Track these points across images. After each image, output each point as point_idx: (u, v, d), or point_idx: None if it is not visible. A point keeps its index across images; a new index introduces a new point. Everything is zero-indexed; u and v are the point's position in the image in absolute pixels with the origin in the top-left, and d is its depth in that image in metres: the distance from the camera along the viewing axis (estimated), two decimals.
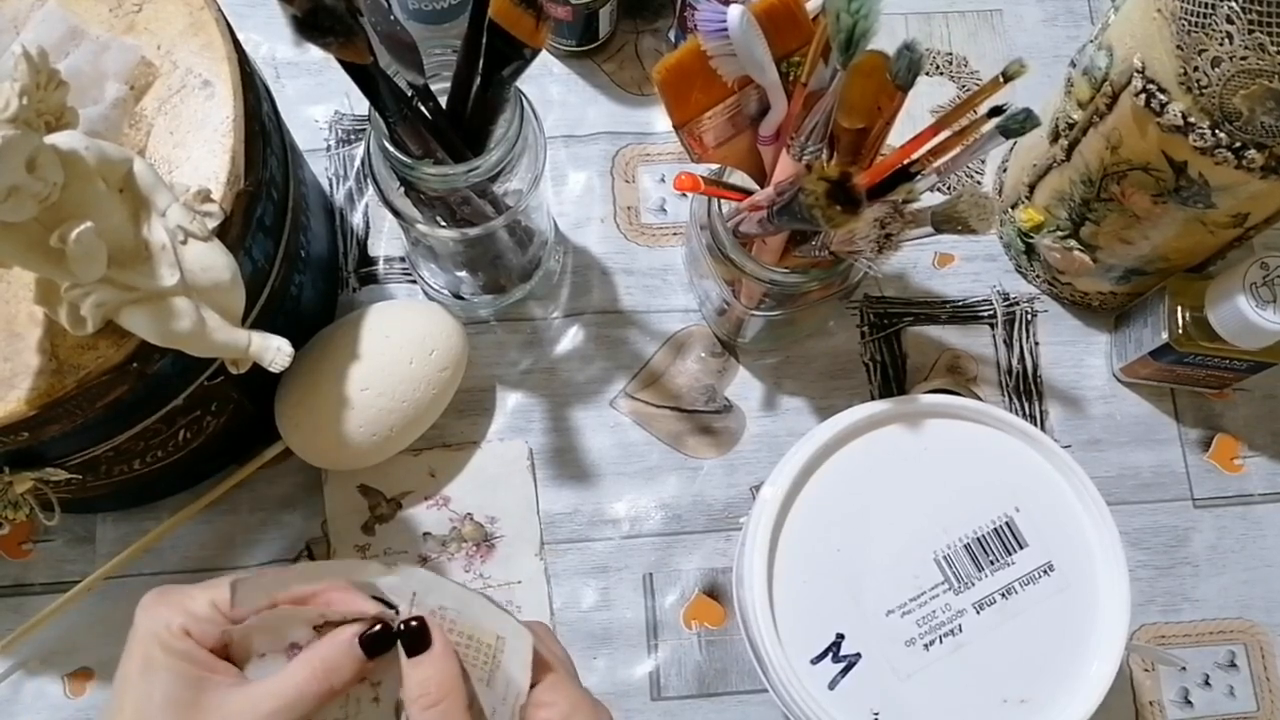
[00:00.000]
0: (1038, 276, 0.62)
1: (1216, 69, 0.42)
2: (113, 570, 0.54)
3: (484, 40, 0.43)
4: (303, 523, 0.57)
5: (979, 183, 0.66)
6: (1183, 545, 0.59)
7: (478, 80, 0.45)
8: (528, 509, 0.58)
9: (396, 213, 0.50)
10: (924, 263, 0.63)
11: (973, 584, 0.47)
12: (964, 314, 0.62)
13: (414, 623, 0.37)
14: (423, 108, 0.46)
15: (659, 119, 0.65)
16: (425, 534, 0.57)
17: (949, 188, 0.64)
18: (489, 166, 0.46)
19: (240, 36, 0.47)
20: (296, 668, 0.36)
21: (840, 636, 0.46)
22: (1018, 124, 0.42)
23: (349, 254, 0.62)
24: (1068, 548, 0.48)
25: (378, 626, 0.37)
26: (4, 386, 0.40)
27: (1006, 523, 0.48)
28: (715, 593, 0.56)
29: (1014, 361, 0.62)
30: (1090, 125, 0.51)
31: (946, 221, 0.44)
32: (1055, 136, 0.54)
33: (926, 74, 0.67)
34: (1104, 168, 0.51)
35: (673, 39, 0.66)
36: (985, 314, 0.62)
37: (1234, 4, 0.40)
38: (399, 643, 0.37)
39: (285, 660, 0.36)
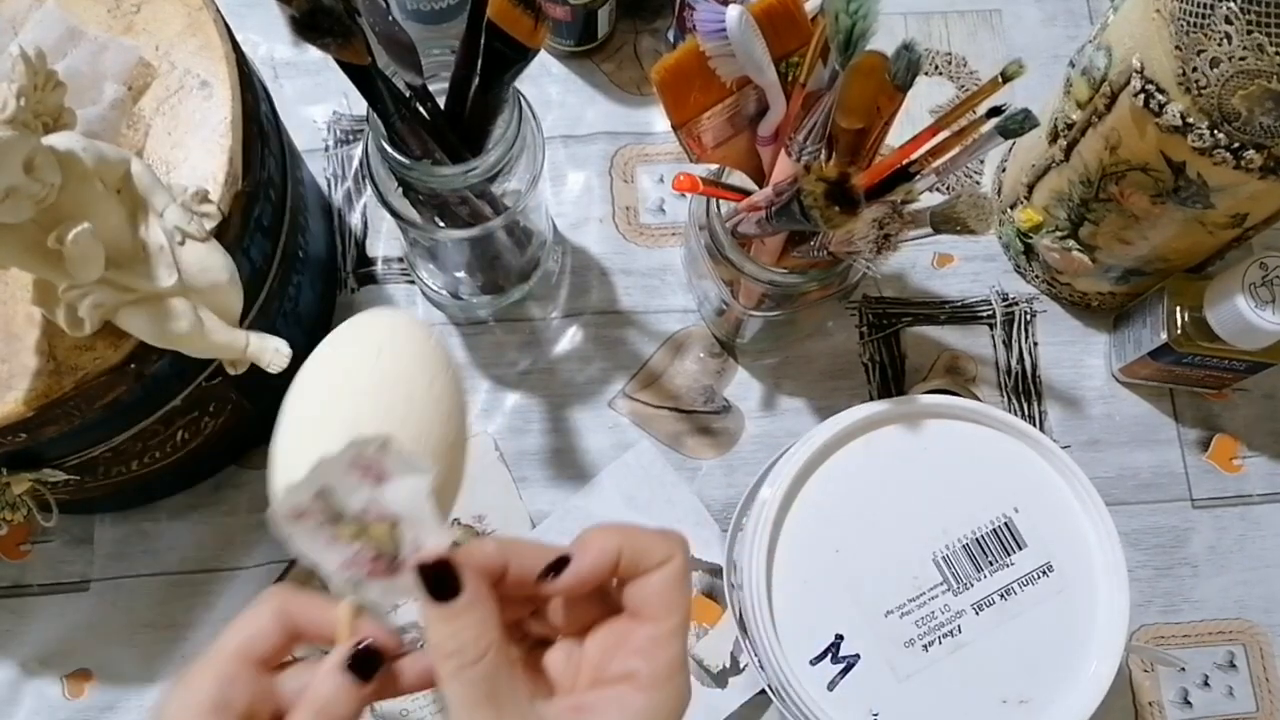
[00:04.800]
0: (1037, 277, 0.62)
1: (1215, 69, 0.42)
2: None
3: (482, 40, 0.43)
4: None
5: (978, 183, 0.66)
6: (1182, 546, 0.59)
7: (476, 81, 0.45)
8: (509, 496, 0.57)
9: (395, 213, 0.49)
10: (923, 263, 0.63)
11: (972, 585, 0.47)
12: (963, 314, 0.62)
13: (435, 562, 0.32)
14: (421, 108, 0.46)
15: (658, 119, 0.65)
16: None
17: (948, 188, 0.64)
18: (487, 167, 0.46)
19: (238, 37, 0.47)
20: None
21: (839, 637, 0.46)
22: (1016, 124, 0.42)
23: (347, 254, 0.62)
24: (1067, 548, 0.47)
25: (363, 644, 0.33)
26: (2, 388, 0.40)
27: (1005, 523, 0.48)
28: (714, 593, 0.56)
29: (1013, 362, 0.62)
30: (1089, 126, 0.51)
31: (945, 222, 0.44)
32: (1054, 137, 0.54)
33: (925, 74, 0.67)
34: (1103, 168, 0.51)
35: (671, 39, 0.66)
36: (984, 314, 0.62)
37: (1233, 5, 0.40)
38: (422, 586, 0.31)
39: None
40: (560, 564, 0.33)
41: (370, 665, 0.33)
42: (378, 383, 0.36)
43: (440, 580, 0.31)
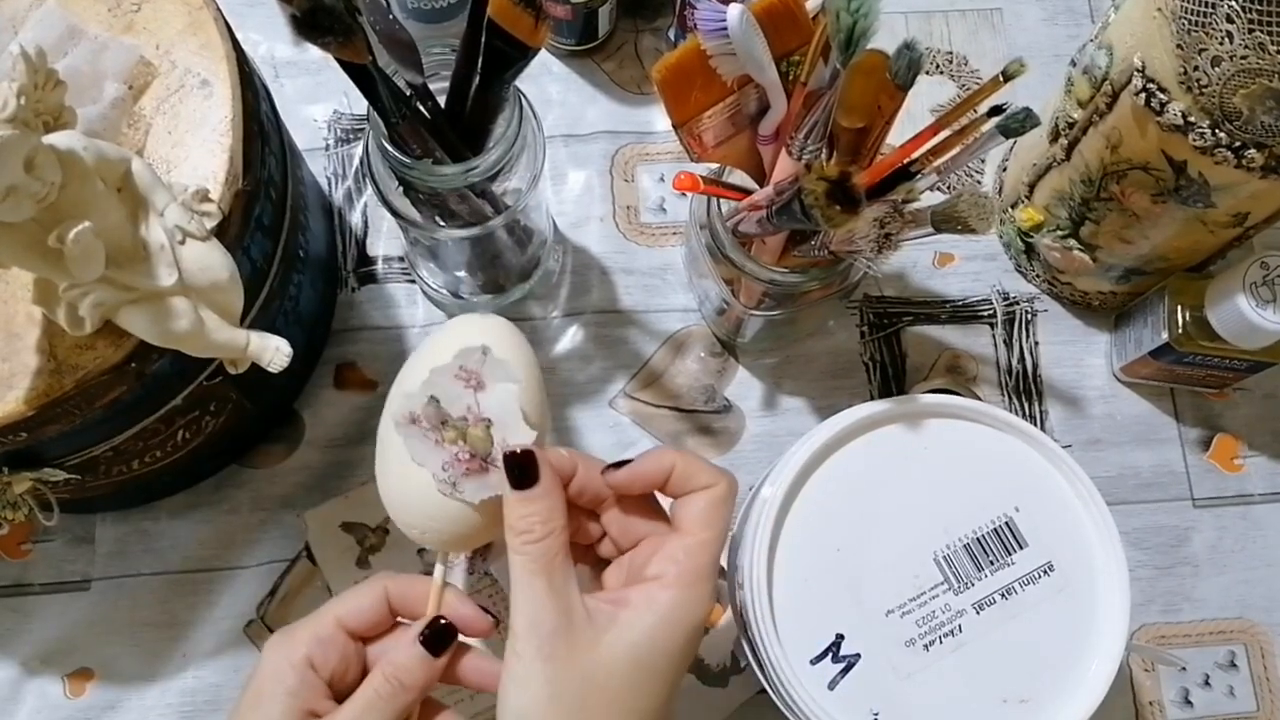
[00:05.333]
0: (1037, 276, 0.62)
1: (1216, 68, 0.42)
2: None
3: (483, 39, 0.43)
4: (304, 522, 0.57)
5: (979, 182, 0.66)
6: (1183, 545, 0.59)
7: (477, 79, 0.45)
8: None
9: (395, 212, 0.49)
10: (924, 262, 0.63)
11: (972, 584, 0.47)
12: (964, 314, 0.62)
13: (520, 453, 0.37)
14: (421, 107, 0.46)
15: (658, 118, 0.65)
16: (421, 550, 0.57)
17: (949, 187, 0.64)
18: (488, 166, 0.46)
19: (239, 36, 0.47)
20: (366, 688, 0.38)
21: (840, 636, 0.46)
22: (1017, 123, 0.42)
23: (348, 253, 0.62)
24: (1068, 548, 0.47)
25: (440, 621, 0.39)
26: (2, 387, 0.40)
27: (1006, 523, 0.48)
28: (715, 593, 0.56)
29: (1014, 361, 0.62)
30: (1090, 124, 0.51)
31: (946, 221, 0.44)
32: (1055, 136, 0.54)
33: (926, 73, 0.67)
34: (1104, 167, 0.51)
35: (672, 38, 0.66)
36: (985, 314, 0.62)
37: (1234, 3, 0.40)
38: (508, 474, 0.37)
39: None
40: (622, 463, 0.40)
41: (443, 641, 0.39)
42: (487, 340, 0.42)
43: (522, 470, 0.37)
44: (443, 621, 0.40)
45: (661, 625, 0.37)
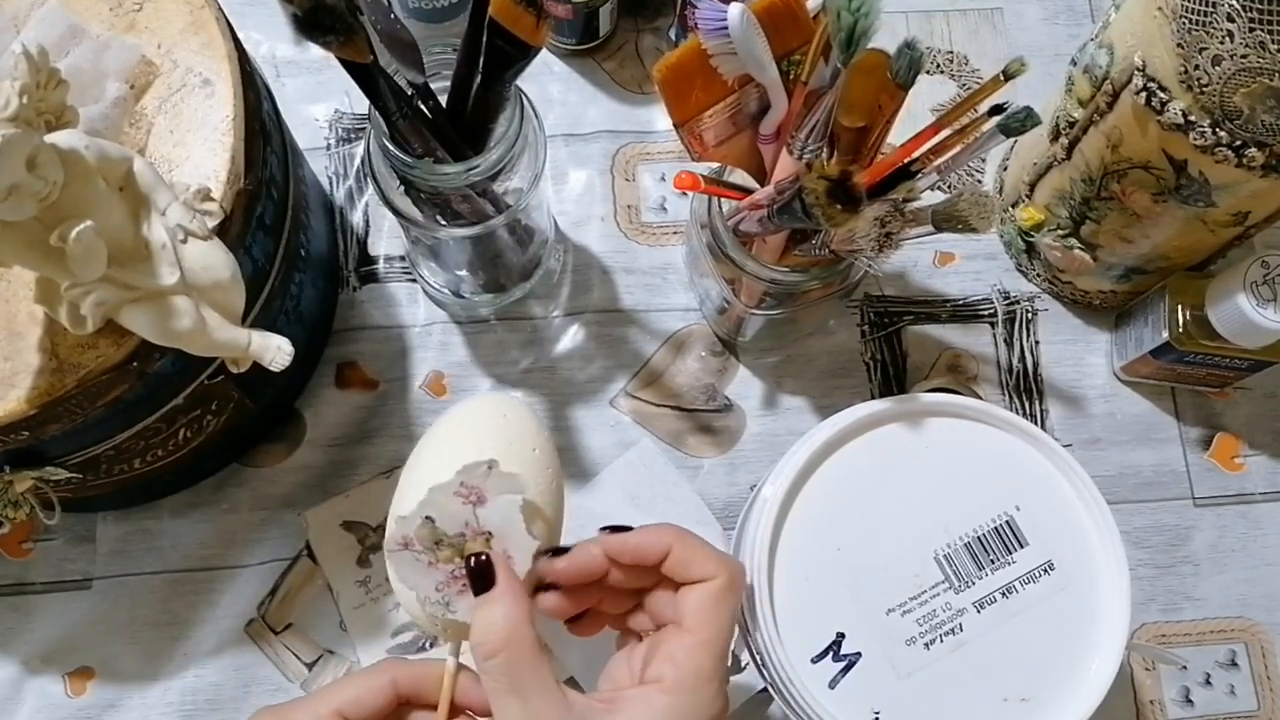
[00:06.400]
0: (1038, 275, 0.62)
1: (1217, 67, 0.42)
2: None
3: (484, 39, 0.43)
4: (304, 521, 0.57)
5: (979, 181, 0.66)
6: (1183, 544, 0.59)
7: (478, 79, 0.45)
8: None
9: (396, 211, 0.50)
10: (924, 261, 0.63)
11: (973, 583, 0.47)
12: (964, 313, 0.62)
13: (478, 560, 0.36)
14: (423, 106, 0.46)
15: (659, 117, 0.65)
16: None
17: (949, 186, 0.64)
18: (489, 165, 0.46)
19: (240, 35, 0.47)
20: None
21: (841, 635, 0.46)
22: (1018, 122, 0.42)
23: (349, 253, 0.62)
24: (1068, 547, 0.47)
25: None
26: (4, 385, 0.40)
27: (1007, 521, 0.48)
28: None
29: (1014, 360, 0.62)
30: (1091, 124, 0.51)
31: (947, 220, 0.44)
32: (1056, 135, 0.54)
33: (927, 72, 0.67)
34: (1104, 166, 0.51)
35: (673, 37, 0.66)
36: (986, 313, 0.62)
37: (1235, 2, 0.40)
38: (468, 578, 0.35)
39: None
40: (620, 528, 0.38)
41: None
42: (501, 431, 0.41)
43: (480, 575, 0.35)
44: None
45: None
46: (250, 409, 0.54)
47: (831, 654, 0.46)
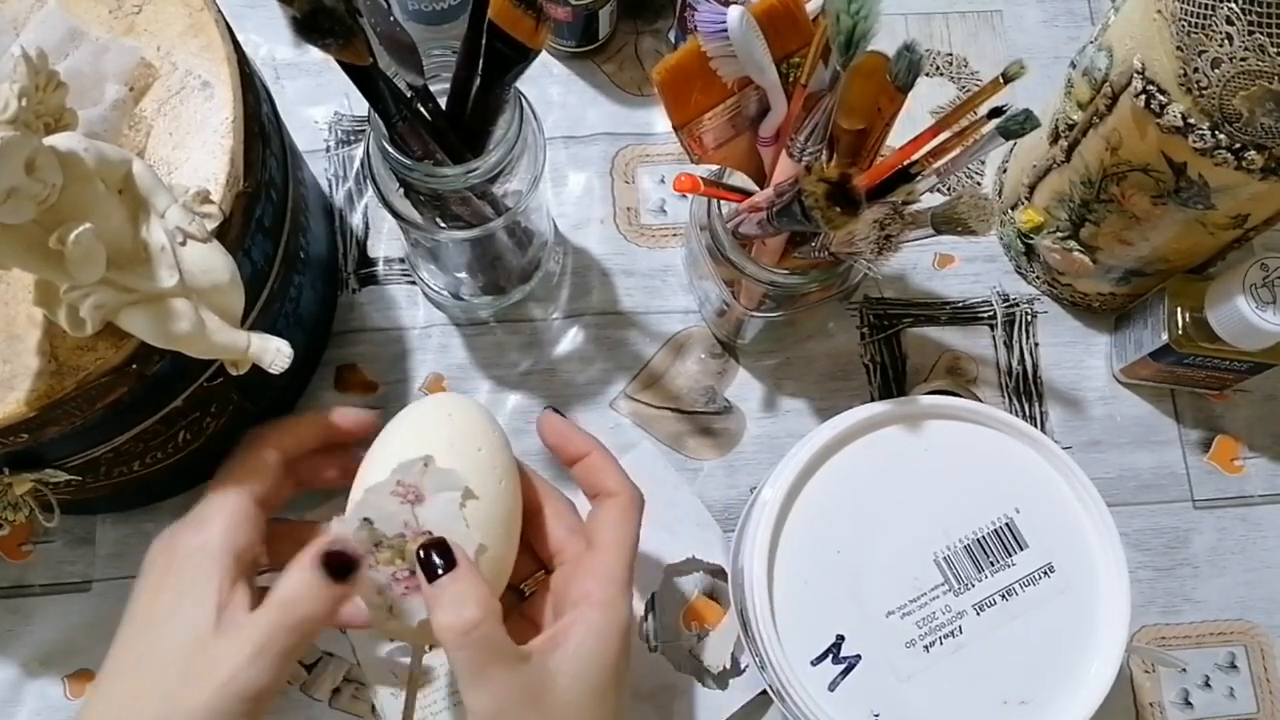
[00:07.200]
0: (1037, 278, 0.62)
1: (1216, 70, 0.42)
2: None
3: (483, 41, 0.43)
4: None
5: (979, 184, 0.66)
6: (1183, 546, 0.59)
7: (477, 81, 0.45)
8: None
9: (396, 214, 0.50)
10: (924, 264, 0.63)
11: (973, 585, 0.47)
12: (964, 315, 0.62)
13: (433, 542, 0.36)
14: (422, 109, 0.46)
15: (659, 120, 0.65)
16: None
17: (949, 189, 0.64)
18: (488, 168, 0.46)
19: (240, 37, 0.47)
20: (261, 612, 0.37)
21: (840, 638, 0.46)
22: (1017, 125, 0.42)
23: (348, 255, 0.62)
24: (1068, 549, 0.47)
25: (337, 547, 0.36)
26: (3, 388, 0.40)
27: (1007, 524, 0.48)
28: (715, 594, 0.56)
29: (1014, 363, 0.62)
30: (1090, 126, 0.51)
31: (946, 223, 0.44)
32: (1055, 138, 0.54)
33: (926, 75, 0.67)
34: (1104, 169, 0.51)
35: (672, 40, 0.66)
36: (985, 315, 0.62)
37: (1234, 5, 0.40)
38: (419, 567, 0.36)
39: None
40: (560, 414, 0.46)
41: (342, 567, 0.37)
42: (445, 430, 0.41)
43: (441, 553, 0.36)
44: (338, 550, 0.37)
45: (599, 642, 0.37)
46: (250, 411, 0.54)
47: (831, 656, 0.46)
